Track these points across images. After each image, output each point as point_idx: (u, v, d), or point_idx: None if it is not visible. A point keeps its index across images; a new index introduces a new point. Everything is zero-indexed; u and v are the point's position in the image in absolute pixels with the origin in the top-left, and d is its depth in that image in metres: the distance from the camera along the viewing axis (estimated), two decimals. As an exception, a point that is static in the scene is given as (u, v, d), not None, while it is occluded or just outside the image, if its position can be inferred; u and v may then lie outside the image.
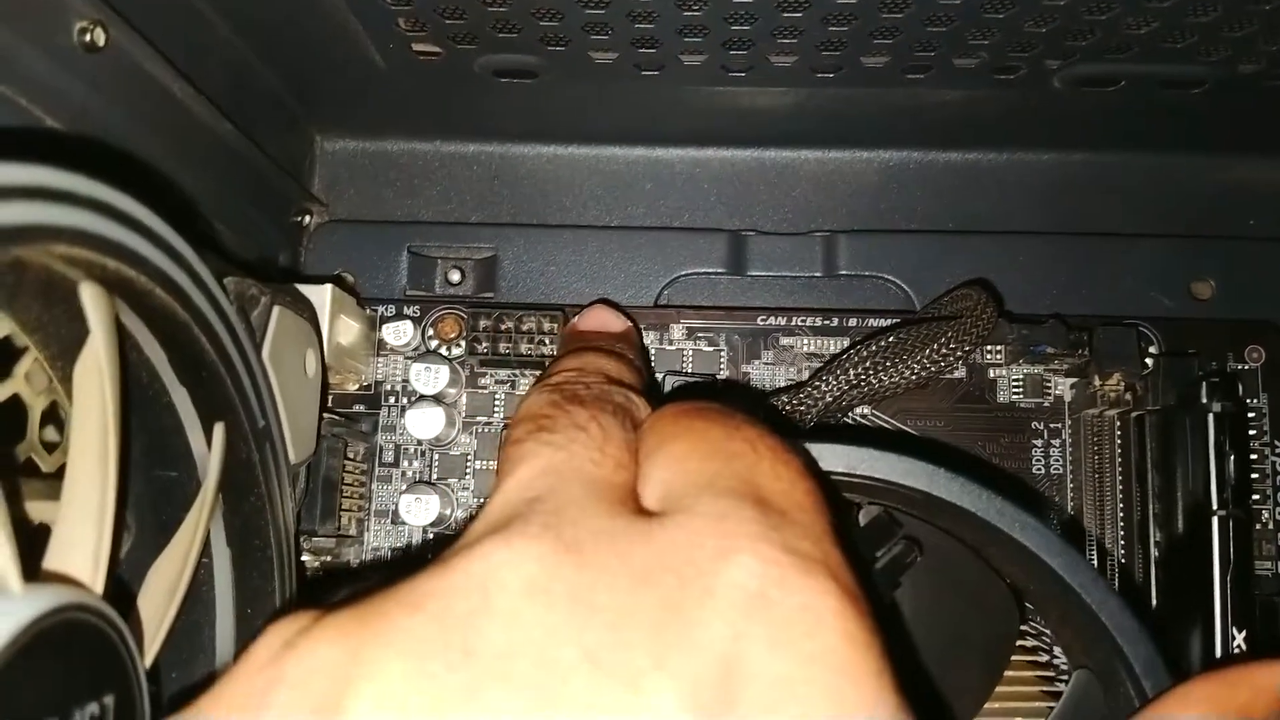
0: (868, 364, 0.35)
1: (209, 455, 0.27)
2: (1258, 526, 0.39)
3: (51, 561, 0.22)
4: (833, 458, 0.30)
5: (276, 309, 0.31)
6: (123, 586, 0.25)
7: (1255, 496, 0.39)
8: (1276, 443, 0.40)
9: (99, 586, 0.22)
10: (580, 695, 0.17)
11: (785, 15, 0.35)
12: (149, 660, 0.24)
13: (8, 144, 0.26)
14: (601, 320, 0.36)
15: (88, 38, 0.29)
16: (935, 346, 0.35)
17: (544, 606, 0.18)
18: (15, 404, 0.24)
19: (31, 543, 0.21)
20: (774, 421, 0.26)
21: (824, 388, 0.35)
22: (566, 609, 0.18)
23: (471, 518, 0.22)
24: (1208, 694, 0.24)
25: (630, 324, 0.36)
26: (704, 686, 0.17)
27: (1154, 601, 0.37)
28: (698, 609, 0.18)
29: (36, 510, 0.23)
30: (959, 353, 0.35)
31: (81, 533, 0.22)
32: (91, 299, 0.23)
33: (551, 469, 0.22)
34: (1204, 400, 0.35)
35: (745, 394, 0.39)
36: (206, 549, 0.28)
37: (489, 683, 0.17)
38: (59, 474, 0.25)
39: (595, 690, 0.17)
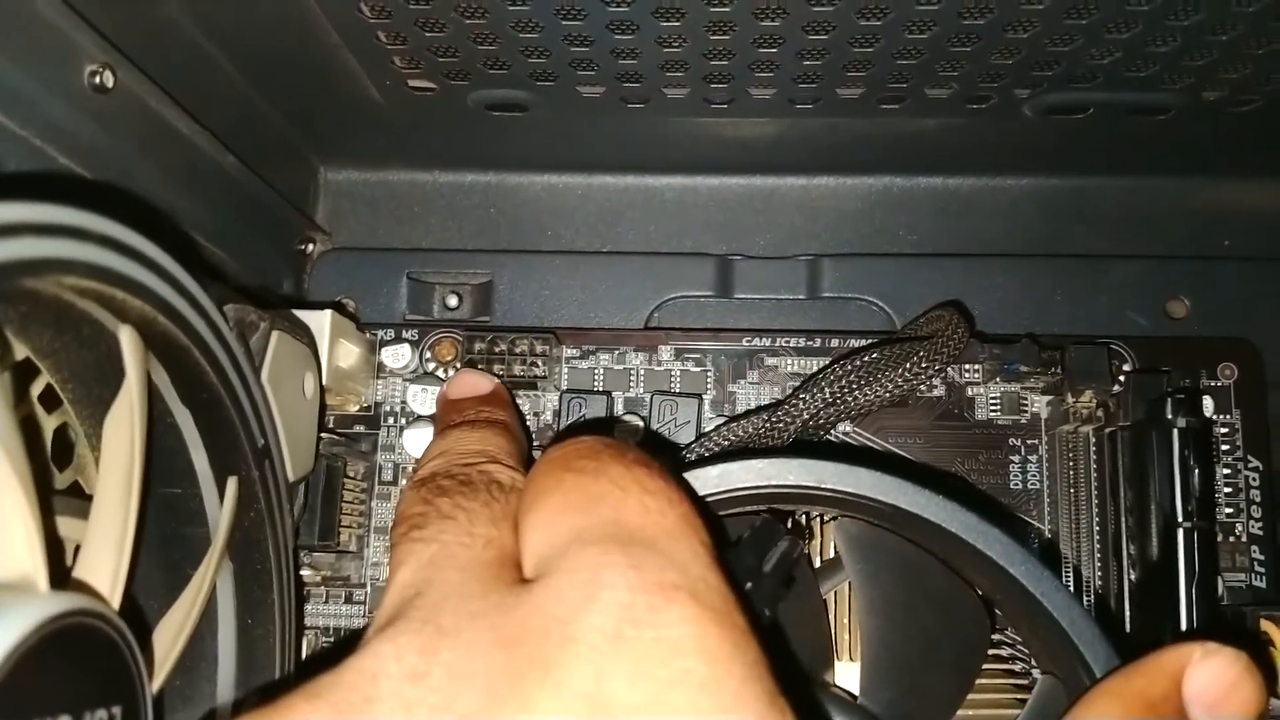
0: (843, 382, 0.37)
1: (220, 511, 0.29)
2: (1231, 539, 0.40)
3: (76, 576, 0.23)
4: (802, 472, 0.31)
5: (275, 334, 0.32)
6: (132, 601, 0.27)
7: (1229, 510, 0.41)
8: (1250, 458, 0.41)
9: (115, 604, 0.24)
10: None
11: (761, 50, 0.36)
12: (155, 686, 0.26)
13: (22, 182, 0.28)
14: (470, 385, 0.37)
15: (98, 80, 0.31)
16: (908, 365, 0.37)
17: (425, 687, 0.20)
18: (29, 425, 0.26)
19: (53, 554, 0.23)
20: (655, 447, 0.27)
21: (801, 405, 0.37)
22: (444, 684, 0.20)
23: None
24: (1108, 689, 0.26)
25: (497, 382, 0.38)
26: None
27: (1128, 613, 0.38)
28: (560, 655, 0.20)
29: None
30: (930, 371, 0.37)
31: (103, 556, 0.24)
32: (129, 345, 0.24)
33: (426, 564, 0.24)
34: (1169, 416, 0.36)
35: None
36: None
37: None
38: (70, 490, 0.27)
39: None
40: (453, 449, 0.31)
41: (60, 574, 0.23)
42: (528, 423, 0.42)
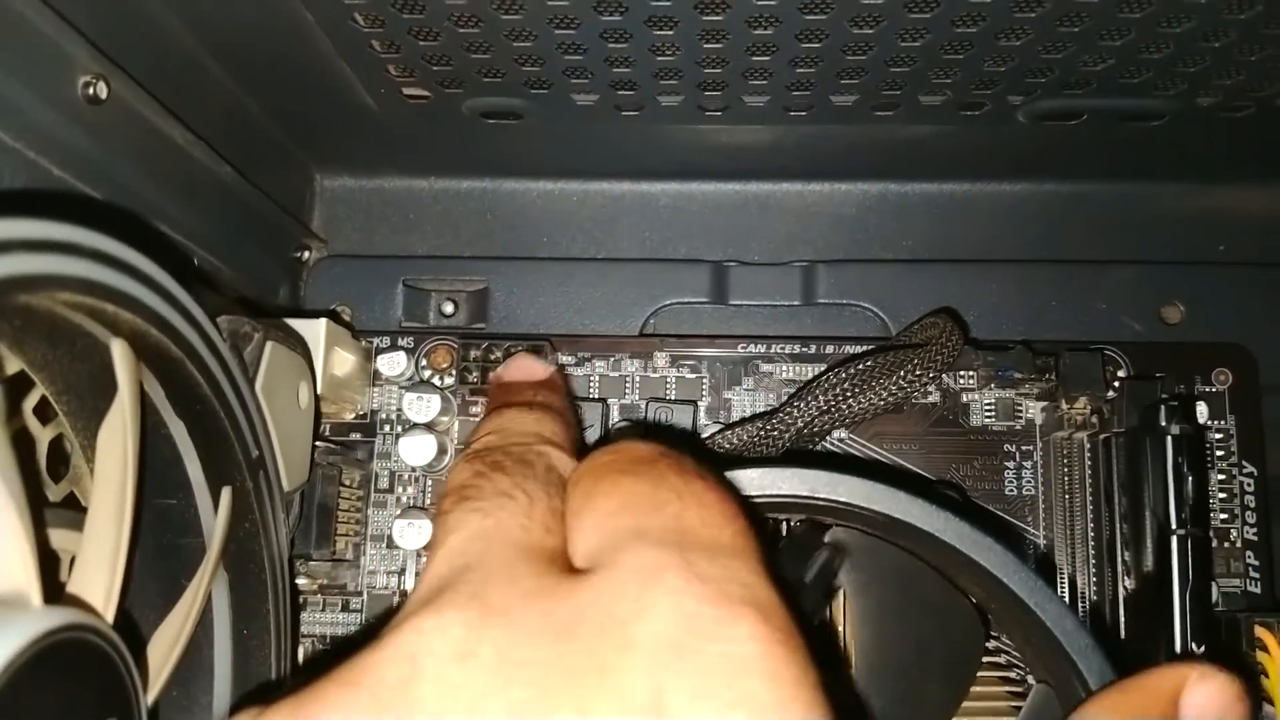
0: (837, 390, 0.37)
1: (214, 521, 0.29)
2: (1226, 545, 0.40)
3: (70, 590, 0.24)
4: (797, 481, 0.31)
5: (269, 344, 0.32)
6: (127, 613, 0.27)
7: (1224, 515, 0.41)
8: (1244, 463, 0.41)
9: (109, 617, 0.24)
10: None
11: (754, 59, 0.36)
12: (151, 698, 0.26)
13: (17, 199, 0.28)
14: (525, 369, 0.36)
15: (91, 91, 0.31)
16: (902, 373, 0.37)
17: (472, 669, 0.19)
18: (23, 437, 0.26)
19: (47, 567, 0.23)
20: (704, 456, 0.27)
21: (795, 414, 0.37)
22: (493, 668, 0.19)
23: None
24: (1104, 702, 0.26)
25: (554, 369, 0.36)
26: None
27: (1123, 620, 0.38)
28: (618, 660, 0.19)
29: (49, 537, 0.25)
30: (925, 378, 0.37)
31: (97, 569, 0.24)
32: (121, 358, 0.24)
33: (480, 535, 0.23)
34: (1163, 423, 0.36)
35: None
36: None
37: None
38: (65, 503, 0.27)
39: None
40: (508, 427, 0.29)
41: (54, 588, 0.23)
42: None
